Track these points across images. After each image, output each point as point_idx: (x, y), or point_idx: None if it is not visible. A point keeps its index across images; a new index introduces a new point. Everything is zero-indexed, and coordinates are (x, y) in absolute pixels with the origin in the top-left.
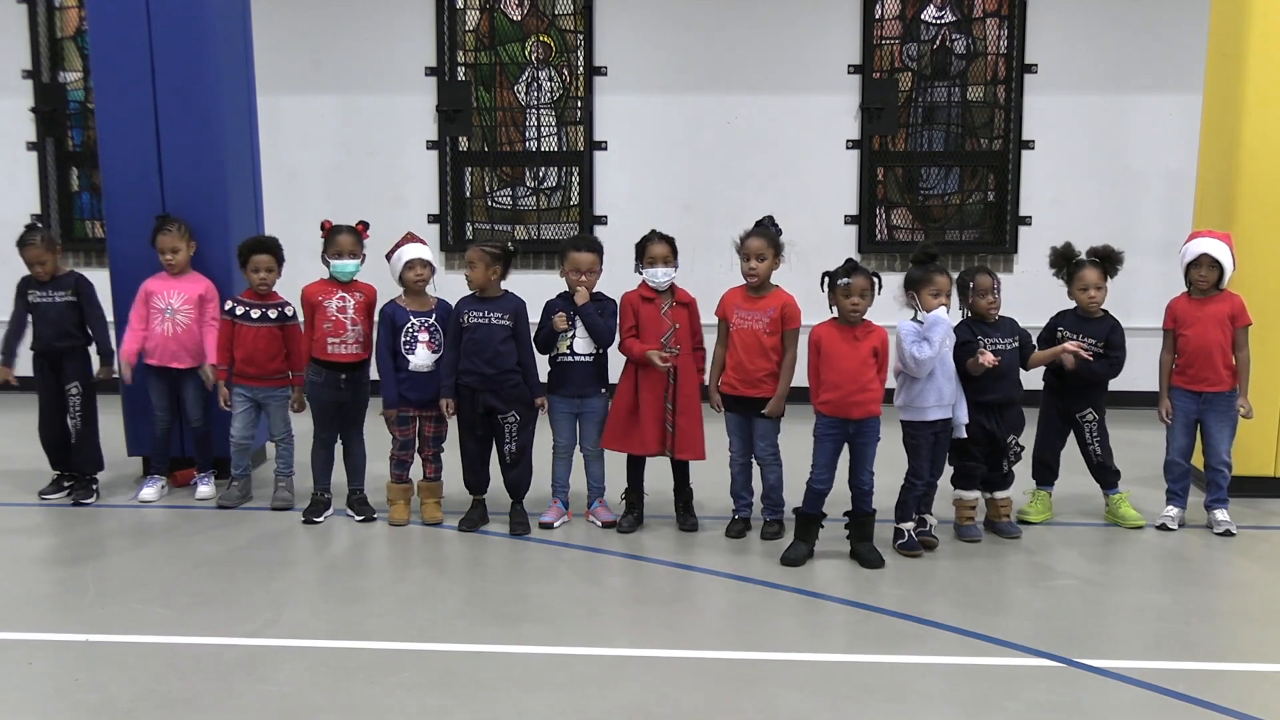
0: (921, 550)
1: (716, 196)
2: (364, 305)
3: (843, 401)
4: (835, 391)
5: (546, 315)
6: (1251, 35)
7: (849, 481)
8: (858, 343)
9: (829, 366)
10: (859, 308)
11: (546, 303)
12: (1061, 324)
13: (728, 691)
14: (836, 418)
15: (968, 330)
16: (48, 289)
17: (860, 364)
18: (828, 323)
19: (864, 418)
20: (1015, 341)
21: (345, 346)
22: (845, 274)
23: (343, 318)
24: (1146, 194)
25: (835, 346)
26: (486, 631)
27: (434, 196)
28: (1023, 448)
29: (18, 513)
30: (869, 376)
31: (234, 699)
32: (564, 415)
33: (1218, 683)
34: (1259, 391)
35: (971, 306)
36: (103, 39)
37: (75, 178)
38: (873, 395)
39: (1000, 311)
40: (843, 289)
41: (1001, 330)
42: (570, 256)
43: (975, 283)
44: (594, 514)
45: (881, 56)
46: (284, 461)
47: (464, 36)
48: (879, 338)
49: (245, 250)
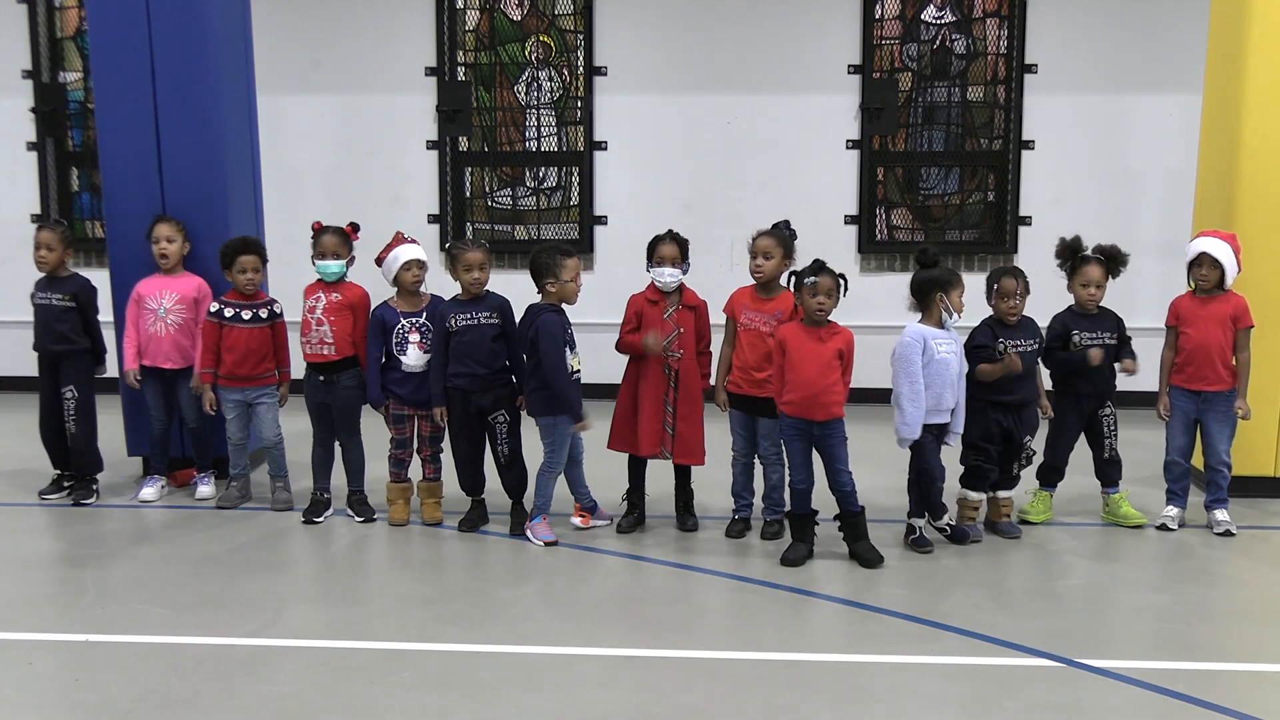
0: (933, 545)
1: (716, 196)
2: (339, 305)
3: (805, 403)
4: (798, 392)
5: (554, 335)
6: (1251, 35)
7: (829, 486)
8: (822, 344)
9: (793, 367)
10: (825, 307)
11: (548, 321)
12: (1073, 325)
13: (728, 691)
14: (800, 418)
15: (989, 332)
16: (48, 291)
17: (824, 365)
18: (794, 323)
19: (827, 420)
20: (1035, 343)
21: (310, 346)
22: (812, 273)
23: (310, 317)
24: (1146, 194)
25: (800, 347)
26: (486, 631)
27: (434, 196)
28: (1034, 451)
29: (18, 513)
30: (832, 379)
31: (234, 699)
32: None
33: (1218, 683)
34: (1258, 392)
35: (994, 307)
36: (103, 39)
37: (75, 178)
38: (836, 398)
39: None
40: (809, 288)
41: (1023, 332)
42: (564, 264)
43: (1000, 284)
44: (598, 517)
45: (881, 56)
46: (276, 465)
47: (464, 36)
48: (844, 339)
49: (231, 251)
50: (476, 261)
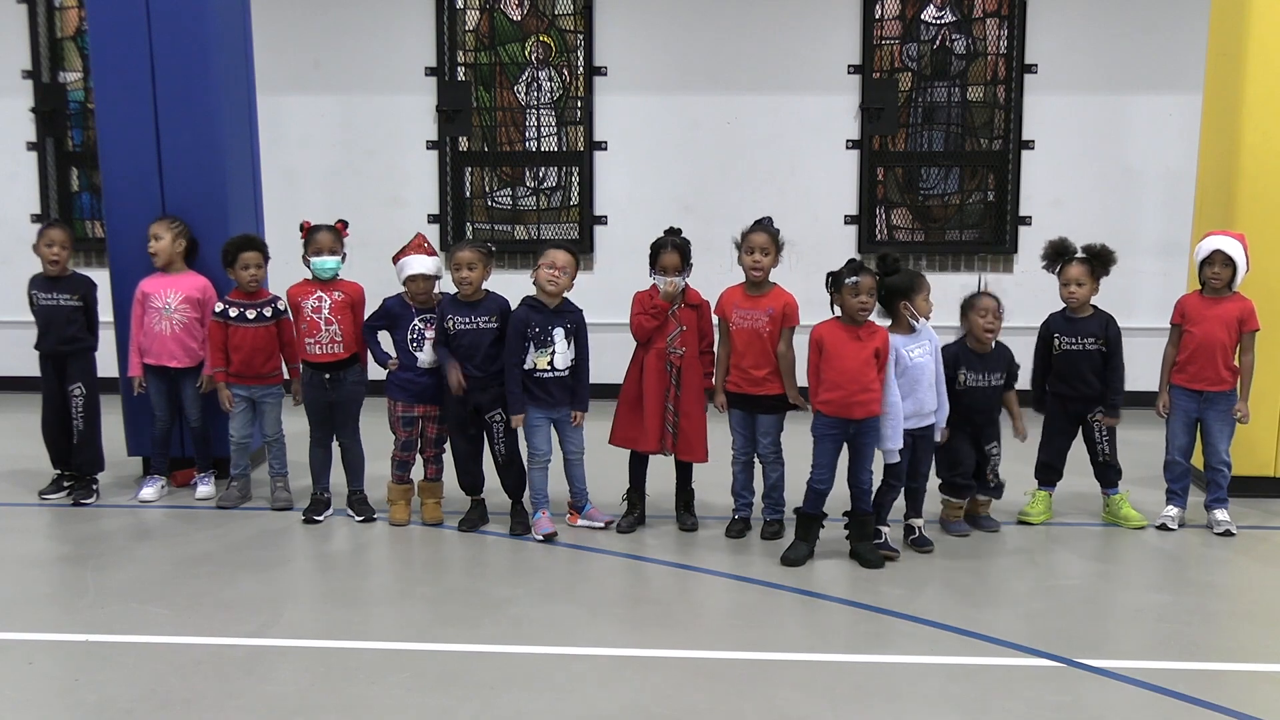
0: (898, 553)
1: (716, 196)
2: (342, 304)
3: (845, 402)
4: (837, 391)
5: (516, 336)
6: (1251, 35)
7: (848, 480)
8: (861, 343)
9: (831, 366)
10: (867, 306)
11: (514, 317)
12: (1055, 329)
13: (728, 691)
14: (837, 418)
15: (953, 359)
16: (53, 291)
17: (863, 364)
18: (830, 322)
19: (865, 418)
20: (1001, 377)
21: (321, 347)
22: (852, 273)
23: (317, 318)
24: (1146, 194)
25: (839, 346)
26: (486, 631)
27: (434, 196)
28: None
29: (18, 513)
30: (871, 377)
31: (234, 699)
32: (542, 424)
33: (1218, 683)
34: (1259, 392)
35: (969, 326)
36: (103, 39)
37: (75, 178)
38: (874, 395)
39: (998, 337)
40: (850, 288)
41: (988, 364)
42: (547, 253)
43: (977, 302)
44: (587, 517)
45: (881, 56)
46: (278, 462)
47: (464, 36)
48: (882, 338)
49: (233, 249)
50: (465, 260)
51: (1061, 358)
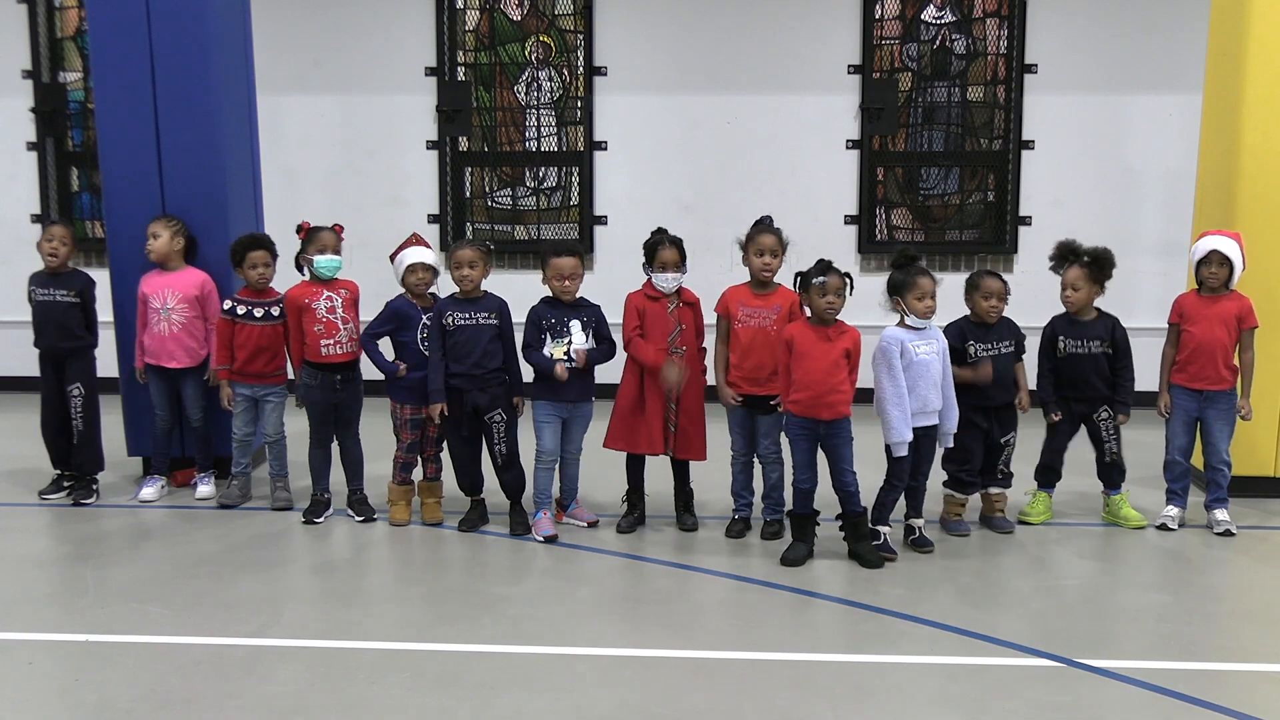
0: (896, 555)
1: (716, 196)
2: (350, 302)
3: (813, 402)
4: (805, 391)
5: (531, 325)
6: (1251, 35)
7: (833, 485)
8: (830, 343)
9: (800, 366)
10: (834, 306)
11: (531, 310)
12: (1060, 331)
13: (727, 691)
14: (806, 418)
15: (958, 334)
16: (50, 286)
17: (832, 365)
18: (800, 322)
19: (833, 419)
20: (1010, 345)
21: (340, 346)
22: (820, 273)
23: (333, 318)
24: (1146, 194)
25: (808, 346)
26: (486, 631)
27: (434, 196)
28: (1014, 445)
29: (18, 513)
30: (840, 378)
31: (234, 699)
32: (551, 421)
33: (1218, 683)
34: (1259, 392)
35: (972, 305)
36: (103, 39)
37: (75, 178)
38: (843, 397)
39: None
40: (818, 288)
41: (997, 333)
42: (552, 263)
43: (981, 284)
44: (572, 515)
45: (881, 57)
46: (278, 462)
47: (464, 36)
48: (851, 339)
49: (241, 247)
50: (466, 259)
51: (1066, 360)
